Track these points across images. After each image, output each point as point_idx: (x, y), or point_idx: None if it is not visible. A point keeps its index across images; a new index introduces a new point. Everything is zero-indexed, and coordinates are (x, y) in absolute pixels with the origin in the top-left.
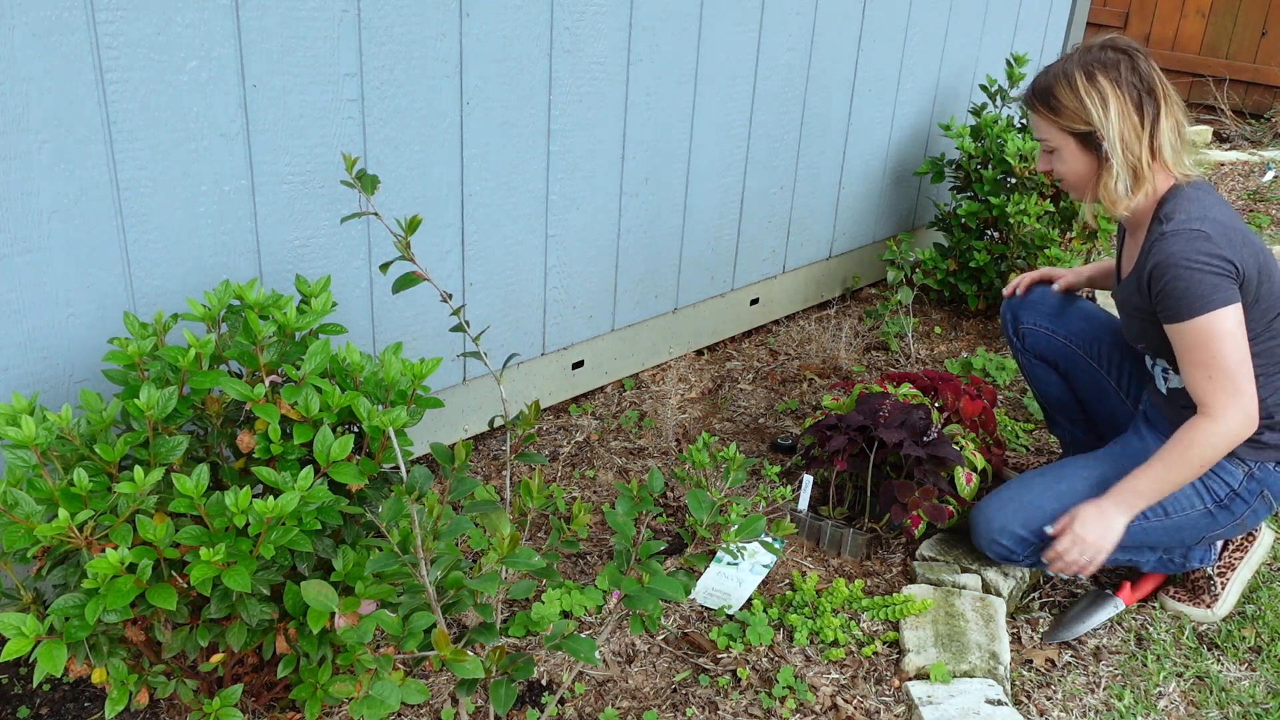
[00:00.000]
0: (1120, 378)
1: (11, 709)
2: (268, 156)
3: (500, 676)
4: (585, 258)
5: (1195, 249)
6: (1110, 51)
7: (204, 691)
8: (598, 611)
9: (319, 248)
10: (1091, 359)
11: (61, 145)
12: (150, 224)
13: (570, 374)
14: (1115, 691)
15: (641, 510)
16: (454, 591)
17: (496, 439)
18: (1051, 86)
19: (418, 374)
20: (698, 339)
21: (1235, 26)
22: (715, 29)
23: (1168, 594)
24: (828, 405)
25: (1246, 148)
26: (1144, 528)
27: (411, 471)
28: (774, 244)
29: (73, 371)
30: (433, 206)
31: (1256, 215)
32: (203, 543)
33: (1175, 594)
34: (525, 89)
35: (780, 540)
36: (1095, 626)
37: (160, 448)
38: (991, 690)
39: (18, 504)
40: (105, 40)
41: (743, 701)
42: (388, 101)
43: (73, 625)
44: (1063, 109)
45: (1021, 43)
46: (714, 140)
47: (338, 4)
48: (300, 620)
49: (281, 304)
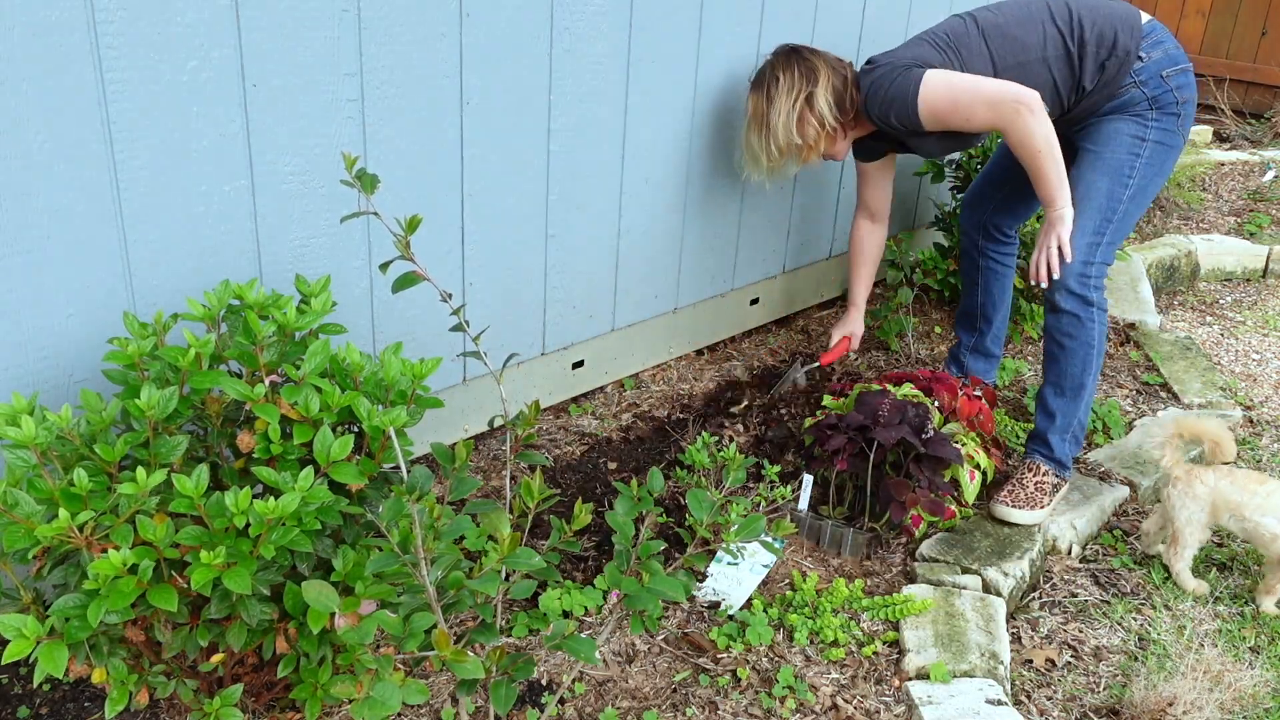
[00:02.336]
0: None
1: (11, 709)
2: (268, 156)
3: (500, 676)
4: (585, 257)
5: (894, 74)
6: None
7: (204, 691)
8: (598, 612)
9: (319, 248)
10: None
11: (61, 145)
12: (150, 224)
13: (570, 374)
14: (1115, 691)
15: (642, 510)
16: (454, 591)
17: (497, 439)
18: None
19: (417, 374)
20: (698, 339)
21: (1235, 26)
22: (715, 29)
23: (998, 499)
24: (828, 405)
25: (1246, 148)
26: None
27: (412, 471)
28: (774, 244)
29: (72, 371)
30: (433, 206)
31: (1256, 215)
32: (203, 543)
33: (1004, 498)
34: (525, 89)
35: (780, 540)
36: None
37: (160, 448)
38: (991, 690)
39: (18, 504)
40: (105, 40)
41: (743, 701)
42: (388, 101)
43: (73, 626)
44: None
45: None
46: (714, 140)
47: (338, 4)
48: (300, 620)
49: (281, 304)
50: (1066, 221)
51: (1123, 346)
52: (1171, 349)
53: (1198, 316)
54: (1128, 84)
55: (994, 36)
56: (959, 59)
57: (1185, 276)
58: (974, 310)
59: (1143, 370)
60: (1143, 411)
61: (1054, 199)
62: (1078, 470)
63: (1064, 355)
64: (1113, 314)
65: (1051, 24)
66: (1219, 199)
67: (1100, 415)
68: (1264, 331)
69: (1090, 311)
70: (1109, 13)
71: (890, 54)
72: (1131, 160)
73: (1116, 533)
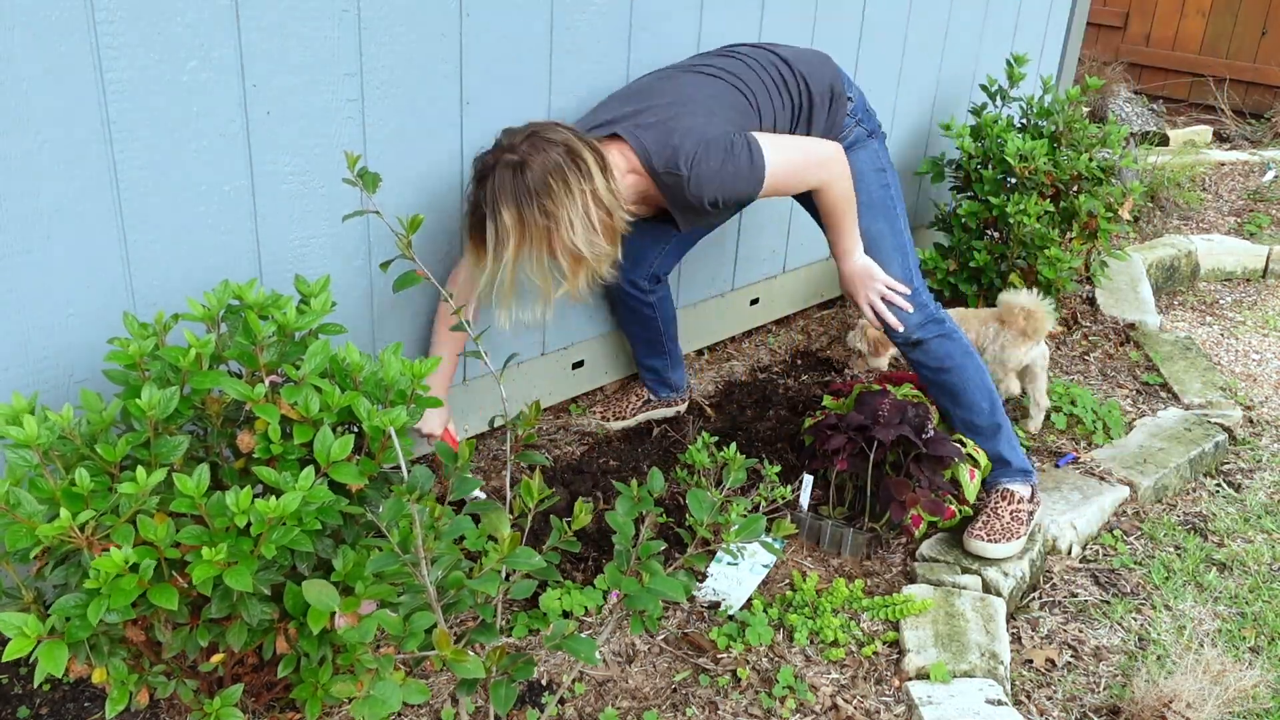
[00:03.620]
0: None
1: (11, 709)
2: (268, 156)
3: (500, 676)
4: None
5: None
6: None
7: (204, 691)
8: (598, 612)
9: (319, 248)
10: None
11: (61, 145)
12: (150, 224)
13: (570, 374)
14: (1115, 691)
15: (642, 510)
16: (454, 591)
17: (497, 439)
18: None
19: (417, 374)
20: (698, 338)
21: (1235, 26)
22: (714, 29)
23: (972, 533)
24: (828, 405)
25: (1246, 148)
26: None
27: (412, 471)
28: (774, 244)
29: (73, 371)
30: (433, 206)
31: (1256, 215)
32: (204, 543)
33: (979, 532)
34: (526, 89)
35: (780, 540)
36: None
37: (161, 448)
38: (991, 690)
39: (19, 504)
40: (105, 40)
41: (743, 701)
42: (388, 101)
43: (74, 625)
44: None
45: (1021, 43)
46: None
47: (338, 4)
48: (300, 620)
49: (281, 304)
50: (871, 264)
51: (1123, 346)
52: (1171, 349)
53: (1198, 316)
54: (849, 124)
55: (736, 90)
56: (753, 118)
57: (1185, 276)
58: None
59: (1143, 370)
60: (1143, 411)
61: (853, 247)
62: (1078, 470)
63: (955, 375)
64: (1113, 314)
65: (778, 84)
66: (1219, 199)
67: (1100, 415)
68: (1264, 331)
69: (945, 325)
70: (817, 61)
71: (663, 123)
72: (885, 191)
73: (1116, 533)
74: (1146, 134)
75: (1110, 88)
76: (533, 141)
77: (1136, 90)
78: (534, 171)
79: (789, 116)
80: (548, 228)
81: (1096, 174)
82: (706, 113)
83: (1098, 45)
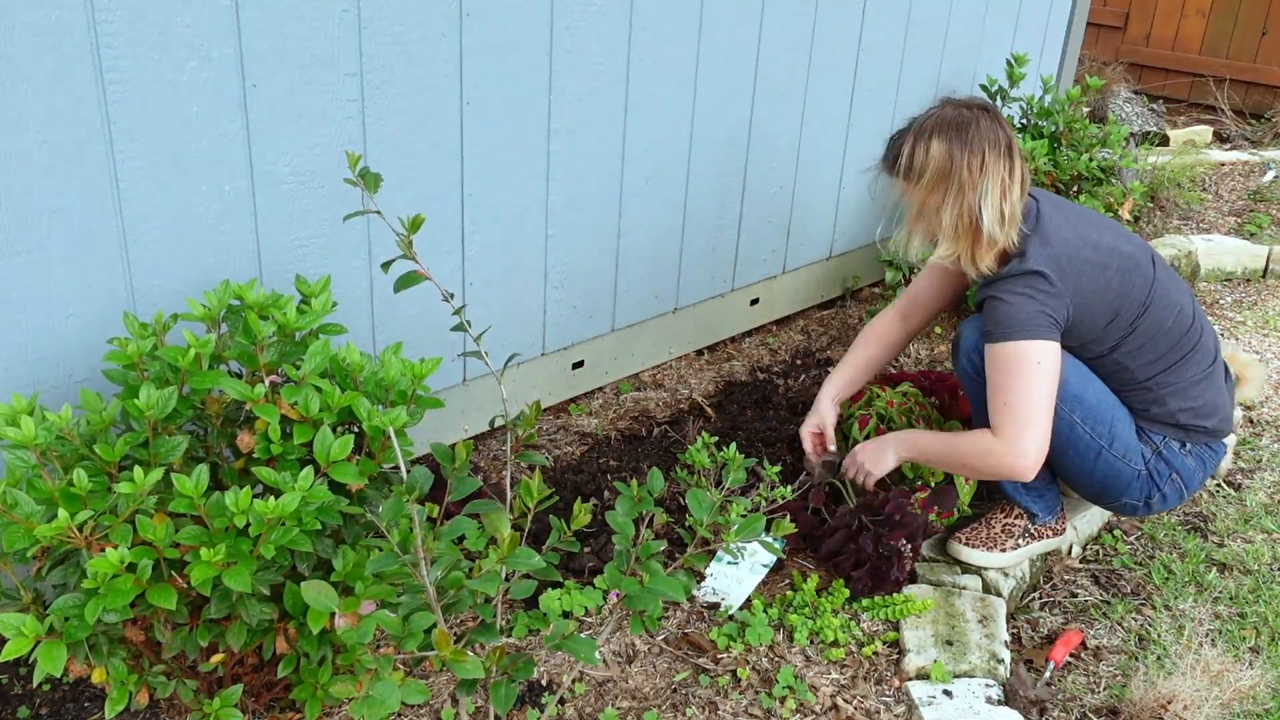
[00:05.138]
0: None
1: (11, 709)
2: (268, 156)
3: (500, 676)
4: (585, 257)
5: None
6: (967, 110)
7: (204, 691)
8: (598, 612)
9: (319, 248)
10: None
11: (61, 145)
12: (150, 224)
13: (570, 374)
14: (1115, 691)
15: (642, 510)
16: (454, 591)
17: (497, 439)
18: (913, 150)
19: (418, 374)
20: (698, 339)
21: (1235, 26)
22: (715, 29)
23: (958, 539)
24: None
25: (1246, 148)
26: (1090, 453)
27: (412, 471)
28: (774, 244)
29: (72, 372)
30: (433, 207)
31: (1256, 215)
32: (203, 543)
33: (961, 536)
34: (525, 89)
35: (780, 540)
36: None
37: (160, 448)
38: (991, 690)
39: (17, 504)
40: (105, 40)
41: (743, 702)
42: (388, 101)
43: (73, 625)
44: (927, 170)
45: (1021, 43)
46: (714, 140)
47: (338, 4)
48: (300, 620)
49: (281, 304)
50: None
51: None
52: None
53: None
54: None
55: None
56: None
57: (1185, 276)
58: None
59: None
60: None
61: (923, 439)
62: None
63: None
64: None
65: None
66: (1219, 199)
67: None
68: (1264, 332)
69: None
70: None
71: (1052, 252)
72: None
73: (1116, 533)
74: (1146, 134)
75: (1110, 88)
76: (995, 115)
77: (1136, 90)
78: (982, 132)
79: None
80: (961, 182)
81: (1097, 174)
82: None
83: (1098, 45)
